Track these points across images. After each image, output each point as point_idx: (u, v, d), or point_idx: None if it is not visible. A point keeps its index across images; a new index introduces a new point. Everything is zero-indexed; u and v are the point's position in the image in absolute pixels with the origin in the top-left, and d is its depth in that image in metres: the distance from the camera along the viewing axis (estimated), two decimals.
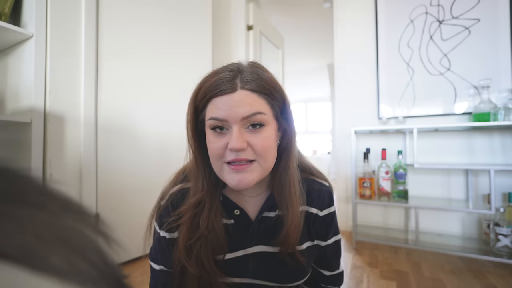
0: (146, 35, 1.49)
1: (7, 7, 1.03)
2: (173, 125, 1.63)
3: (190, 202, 0.48)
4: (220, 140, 0.43)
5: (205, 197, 0.48)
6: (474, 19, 1.66)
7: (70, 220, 0.13)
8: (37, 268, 0.10)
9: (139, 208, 1.43)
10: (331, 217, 0.55)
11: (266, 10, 3.25)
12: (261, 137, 0.43)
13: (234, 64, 0.46)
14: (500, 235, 1.33)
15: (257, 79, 0.43)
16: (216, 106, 0.43)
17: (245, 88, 0.42)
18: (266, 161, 0.44)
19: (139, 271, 1.30)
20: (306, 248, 0.52)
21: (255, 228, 0.51)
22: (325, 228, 0.55)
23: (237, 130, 0.42)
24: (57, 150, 1.14)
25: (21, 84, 1.10)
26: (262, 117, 0.43)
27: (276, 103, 0.46)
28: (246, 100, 0.42)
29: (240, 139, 0.41)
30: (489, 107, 1.48)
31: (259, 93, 0.43)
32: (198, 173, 0.49)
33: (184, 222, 0.47)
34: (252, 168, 0.43)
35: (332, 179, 5.34)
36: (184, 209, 0.48)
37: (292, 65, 5.17)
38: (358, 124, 1.95)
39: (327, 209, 0.54)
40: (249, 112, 0.41)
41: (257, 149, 0.43)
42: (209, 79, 0.44)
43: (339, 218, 2.13)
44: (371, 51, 1.94)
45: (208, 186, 0.48)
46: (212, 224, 0.47)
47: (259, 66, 0.48)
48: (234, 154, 0.42)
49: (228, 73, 0.43)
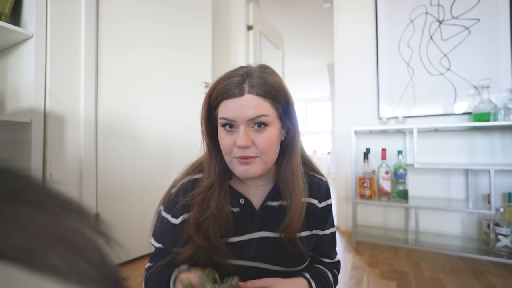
0: (146, 34, 1.49)
1: (7, 7, 1.03)
2: (173, 126, 1.63)
3: (204, 185, 0.55)
4: (230, 137, 0.50)
5: (216, 181, 0.55)
6: (474, 19, 1.66)
7: (70, 220, 0.13)
8: (37, 268, 0.10)
9: (139, 208, 1.43)
10: (329, 209, 0.62)
11: (266, 10, 3.25)
12: (264, 136, 0.50)
13: (243, 68, 0.51)
14: (500, 235, 1.33)
15: (263, 84, 0.49)
16: (226, 107, 0.49)
17: (252, 93, 0.48)
18: (268, 157, 0.51)
19: (139, 271, 1.30)
20: (305, 237, 0.58)
21: (259, 215, 0.57)
22: (324, 219, 0.61)
23: (243, 129, 0.49)
24: (57, 150, 1.14)
25: (21, 84, 1.10)
26: (266, 119, 0.49)
27: (279, 105, 0.51)
28: (252, 103, 0.48)
29: (246, 138, 0.48)
30: (489, 107, 1.48)
31: (264, 97, 0.49)
32: (211, 161, 0.56)
33: (197, 202, 0.54)
34: (256, 162, 0.51)
35: (332, 179, 5.35)
36: (197, 192, 0.55)
37: (292, 65, 5.17)
38: (358, 124, 1.95)
39: (325, 202, 0.61)
40: (254, 115, 0.48)
41: (260, 147, 0.50)
42: (221, 82, 0.50)
43: (339, 218, 2.12)
44: (371, 51, 1.94)
45: (219, 171, 0.56)
46: (222, 204, 0.54)
47: (267, 70, 0.52)
48: (240, 151, 0.49)
49: (237, 78, 0.49)
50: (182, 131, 1.66)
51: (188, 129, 1.69)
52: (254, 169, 0.51)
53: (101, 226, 0.14)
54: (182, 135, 1.66)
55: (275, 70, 0.54)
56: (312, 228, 0.60)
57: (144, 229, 1.44)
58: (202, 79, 1.81)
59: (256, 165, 0.51)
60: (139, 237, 1.42)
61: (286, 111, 0.53)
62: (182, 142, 1.65)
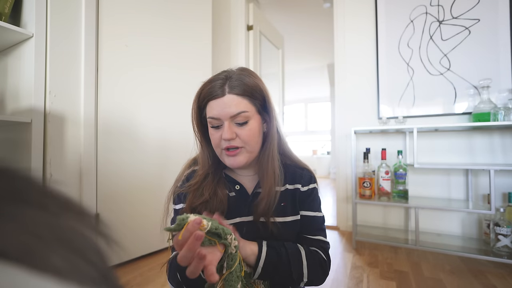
0: (146, 34, 1.49)
1: (7, 7, 1.03)
2: (173, 126, 1.63)
3: (200, 174, 0.62)
4: (217, 133, 0.58)
5: (210, 171, 0.62)
6: (474, 19, 1.66)
7: (70, 220, 0.13)
8: (37, 268, 0.10)
9: (139, 208, 1.43)
10: (314, 192, 0.67)
11: (266, 10, 3.25)
12: (246, 129, 0.57)
13: (224, 72, 0.59)
14: (500, 235, 1.33)
15: (241, 84, 0.57)
16: (211, 107, 0.57)
17: (231, 93, 0.56)
18: (251, 146, 0.59)
19: (139, 271, 1.30)
20: (290, 221, 0.62)
21: (250, 201, 0.63)
22: (311, 200, 0.65)
23: (227, 125, 0.56)
24: (57, 150, 1.14)
25: (21, 84, 1.10)
26: (246, 114, 0.57)
27: (257, 101, 0.59)
28: (232, 102, 0.56)
29: (230, 131, 0.56)
30: (489, 107, 1.48)
31: (242, 95, 0.56)
32: (203, 155, 0.64)
33: (191, 190, 0.60)
34: (241, 152, 0.59)
35: (332, 179, 5.34)
36: (193, 182, 0.62)
37: (292, 65, 5.17)
38: (358, 124, 1.95)
39: (307, 186, 0.66)
40: (235, 112, 0.56)
41: (243, 138, 0.57)
42: (206, 86, 0.59)
43: (339, 218, 2.12)
44: (371, 51, 1.94)
45: (212, 162, 0.63)
46: (215, 191, 0.60)
47: (244, 71, 0.60)
48: (226, 143, 0.57)
49: (219, 81, 0.57)
50: (181, 131, 1.66)
51: (188, 128, 1.69)
52: (241, 159, 0.58)
53: (101, 226, 0.14)
54: (182, 134, 1.66)
55: (253, 71, 0.61)
56: (298, 212, 0.64)
57: (144, 229, 1.44)
58: (202, 78, 1.80)
59: (242, 155, 0.58)
60: (139, 237, 1.42)
61: (264, 106, 0.61)
62: (182, 141, 1.65)
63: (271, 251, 0.55)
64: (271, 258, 0.54)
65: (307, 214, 0.64)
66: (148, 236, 1.46)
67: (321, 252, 0.61)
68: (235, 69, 0.60)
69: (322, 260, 0.60)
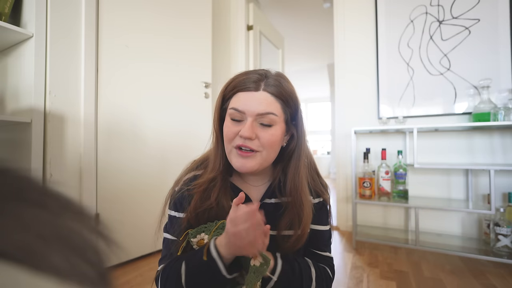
0: (146, 34, 1.49)
1: (7, 7, 1.03)
2: (173, 126, 1.62)
3: (208, 176, 0.56)
4: (235, 127, 0.53)
5: (219, 177, 0.57)
6: (474, 19, 1.66)
7: (70, 220, 0.13)
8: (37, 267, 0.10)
9: (139, 208, 1.43)
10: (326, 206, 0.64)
11: (266, 10, 3.25)
12: (268, 133, 0.52)
13: (263, 70, 0.55)
14: (500, 235, 1.33)
15: (278, 85, 0.53)
16: (239, 99, 0.52)
17: (266, 91, 0.52)
18: (268, 153, 0.53)
19: (138, 271, 1.30)
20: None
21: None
22: (320, 215, 0.63)
23: (250, 122, 0.51)
24: (57, 150, 1.14)
25: (21, 84, 1.10)
26: (273, 118, 0.52)
27: (288, 109, 0.55)
28: (265, 100, 0.51)
29: (251, 130, 0.51)
30: (489, 107, 1.48)
31: (277, 97, 0.52)
32: (217, 153, 0.58)
33: (198, 192, 0.55)
34: (255, 157, 0.53)
35: (332, 179, 5.34)
36: (201, 181, 0.56)
37: (292, 65, 5.17)
38: (358, 124, 1.95)
39: (318, 198, 0.63)
40: (264, 111, 0.51)
41: (263, 141, 0.52)
42: (240, 76, 0.54)
43: (339, 218, 2.11)
44: (371, 51, 1.94)
45: (223, 167, 0.57)
46: (221, 198, 0.55)
47: (284, 77, 0.56)
48: (241, 141, 0.51)
49: (256, 75, 0.53)
50: (182, 131, 1.66)
51: (188, 128, 1.69)
52: (252, 164, 0.53)
53: (101, 226, 0.14)
54: (182, 134, 1.66)
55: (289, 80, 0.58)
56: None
57: (144, 229, 1.44)
58: (202, 78, 1.81)
59: (255, 160, 0.53)
60: (138, 237, 1.42)
61: (294, 118, 0.57)
62: (182, 141, 1.65)
63: (286, 265, 0.54)
64: (286, 272, 0.53)
65: (316, 228, 0.62)
66: (148, 236, 1.45)
67: (329, 270, 0.61)
68: (273, 71, 0.57)
69: (329, 278, 0.60)
